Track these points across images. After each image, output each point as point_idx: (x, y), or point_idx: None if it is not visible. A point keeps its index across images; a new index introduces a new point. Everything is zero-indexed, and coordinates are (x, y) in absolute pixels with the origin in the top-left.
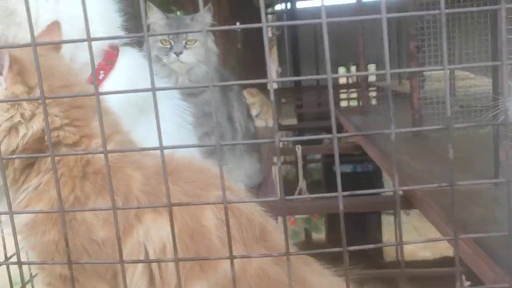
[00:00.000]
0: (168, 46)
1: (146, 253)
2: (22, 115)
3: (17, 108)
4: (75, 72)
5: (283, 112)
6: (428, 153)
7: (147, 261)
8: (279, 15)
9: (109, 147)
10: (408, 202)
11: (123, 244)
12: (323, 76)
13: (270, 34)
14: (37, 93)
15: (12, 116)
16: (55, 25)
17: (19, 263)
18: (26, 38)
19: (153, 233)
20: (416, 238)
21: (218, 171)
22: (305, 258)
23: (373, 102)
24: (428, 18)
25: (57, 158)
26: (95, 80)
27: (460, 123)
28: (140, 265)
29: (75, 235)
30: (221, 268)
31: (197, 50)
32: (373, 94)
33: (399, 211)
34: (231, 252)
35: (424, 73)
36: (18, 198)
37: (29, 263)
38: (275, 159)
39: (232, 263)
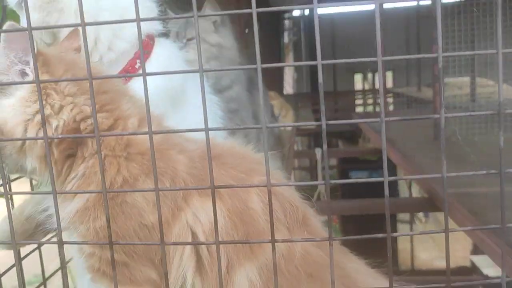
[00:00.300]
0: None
1: (194, 235)
2: (52, 106)
3: (46, 99)
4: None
5: (300, 116)
6: (450, 156)
7: (187, 243)
8: (295, 21)
9: (147, 129)
10: (433, 204)
11: (172, 227)
12: (314, 63)
13: (286, 40)
14: (62, 84)
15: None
16: (74, 33)
17: (60, 243)
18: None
19: (202, 215)
20: (433, 248)
21: (259, 157)
22: (342, 250)
23: (390, 108)
24: (451, 22)
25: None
26: (143, 61)
27: (488, 130)
28: (188, 247)
29: (126, 219)
30: (269, 250)
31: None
32: (390, 100)
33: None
34: (272, 235)
35: (444, 80)
36: (66, 188)
37: (71, 243)
38: (295, 162)
39: (273, 247)
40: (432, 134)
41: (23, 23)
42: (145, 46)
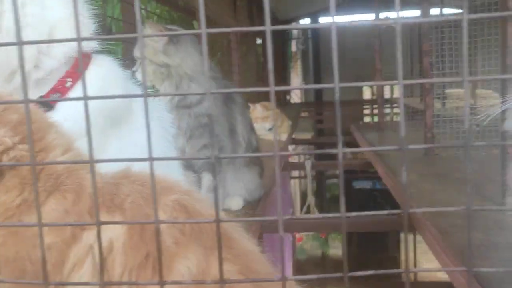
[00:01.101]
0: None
1: (93, 255)
2: None
3: None
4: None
5: (299, 126)
6: (437, 173)
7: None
8: (304, 30)
9: (66, 159)
10: (408, 224)
11: (71, 247)
12: (330, 85)
13: (294, 49)
14: None
15: None
16: None
17: None
18: None
19: (102, 233)
20: (433, 259)
21: (179, 182)
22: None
23: (395, 118)
24: (445, 35)
25: (13, 173)
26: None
27: (477, 143)
28: (89, 270)
29: (19, 240)
30: (180, 274)
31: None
32: (395, 110)
33: (406, 235)
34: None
35: (446, 91)
36: None
37: None
38: (293, 173)
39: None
40: (423, 149)
41: None
42: (77, 64)
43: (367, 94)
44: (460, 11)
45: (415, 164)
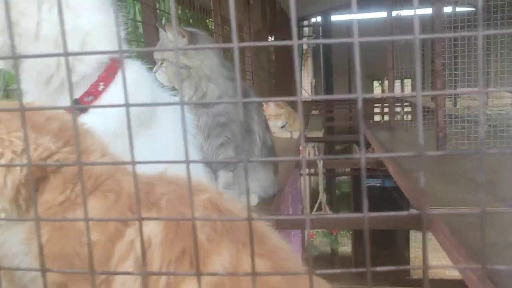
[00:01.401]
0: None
1: (135, 251)
2: (14, 152)
3: (7, 146)
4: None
5: (310, 124)
6: (450, 173)
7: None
8: (315, 27)
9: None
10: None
11: (114, 243)
12: (353, 96)
13: (305, 46)
14: (20, 131)
15: (1, 154)
16: None
17: None
18: (27, 49)
19: (143, 230)
20: (444, 258)
21: (209, 184)
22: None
23: (406, 117)
24: (458, 36)
25: (57, 176)
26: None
27: (490, 144)
28: (131, 266)
29: (64, 236)
30: (214, 268)
31: (165, 69)
32: (407, 109)
33: (425, 233)
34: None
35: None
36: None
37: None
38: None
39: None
40: (435, 147)
41: None
42: (110, 69)
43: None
44: (472, 9)
45: (428, 162)
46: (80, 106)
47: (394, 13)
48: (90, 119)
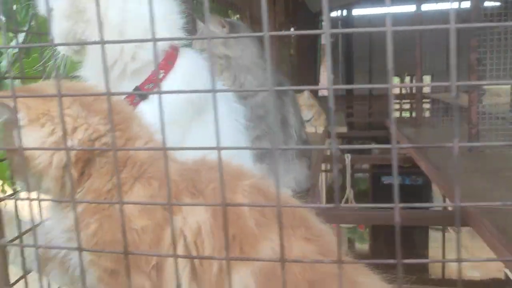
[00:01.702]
0: None
1: (185, 238)
2: (64, 130)
3: (57, 123)
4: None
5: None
6: (482, 170)
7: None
8: (334, 22)
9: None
10: (461, 219)
11: (165, 229)
12: (383, 86)
13: (323, 41)
14: (73, 108)
15: (53, 130)
16: None
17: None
18: (93, 35)
19: (190, 217)
20: (464, 256)
21: (251, 169)
22: (355, 263)
23: (427, 114)
24: (491, 30)
25: (104, 160)
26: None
27: None
28: (180, 252)
29: (114, 223)
30: (264, 254)
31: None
32: (427, 106)
33: (459, 228)
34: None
35: (484, 86)
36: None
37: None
38: (323, 166)
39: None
40: (467, 145)
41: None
42: (169, 57)
43: (396, 90)
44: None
45: (461, 160)
46: (124, 92)
47: (422, 7)
48: (150, 106)
